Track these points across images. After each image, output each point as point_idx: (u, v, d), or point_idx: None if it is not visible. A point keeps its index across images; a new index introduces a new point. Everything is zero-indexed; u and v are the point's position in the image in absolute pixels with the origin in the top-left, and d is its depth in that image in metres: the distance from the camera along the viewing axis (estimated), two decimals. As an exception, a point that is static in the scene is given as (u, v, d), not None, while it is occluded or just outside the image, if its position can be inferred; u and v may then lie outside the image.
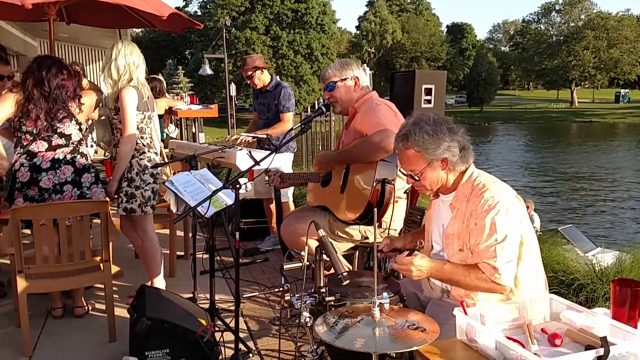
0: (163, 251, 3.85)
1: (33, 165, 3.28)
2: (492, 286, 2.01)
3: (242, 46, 45.40)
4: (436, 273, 2.08)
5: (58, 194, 3.33)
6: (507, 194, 2.08)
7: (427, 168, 2.13)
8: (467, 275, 2.03)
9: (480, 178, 2.14)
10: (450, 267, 2.07)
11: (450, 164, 2.13)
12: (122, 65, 3.49)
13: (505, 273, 1.99)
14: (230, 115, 16.06)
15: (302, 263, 2.10)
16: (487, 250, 2.01)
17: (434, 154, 2.10)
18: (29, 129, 3.30)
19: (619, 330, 1.65)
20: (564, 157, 29.82)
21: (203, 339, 2.73)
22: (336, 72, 3.10)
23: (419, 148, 2.10)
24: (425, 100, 5.20)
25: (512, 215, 2.03)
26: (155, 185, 3.62)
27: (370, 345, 1.56)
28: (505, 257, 1.99)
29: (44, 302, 3.70)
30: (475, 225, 2.05)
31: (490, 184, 2.10)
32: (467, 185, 2.15)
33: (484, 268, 2.01)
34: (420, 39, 62.86)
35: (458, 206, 2.15)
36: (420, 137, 2.09)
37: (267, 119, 4.89)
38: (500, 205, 2.02)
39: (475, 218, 2.06)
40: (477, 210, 2.06)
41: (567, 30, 66.17)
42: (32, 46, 12.19)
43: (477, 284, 2.02)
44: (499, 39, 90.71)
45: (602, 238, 11.75)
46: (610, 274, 3.06)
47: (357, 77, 3.08)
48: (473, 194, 2.10)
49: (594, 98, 71.06)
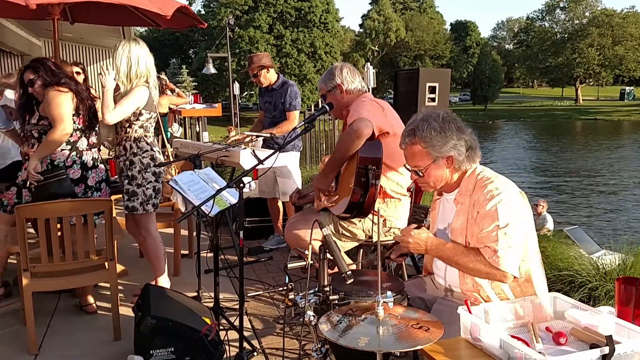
0: (167, 250, 3.86)
1: (83, 163, 3.48)
2: (491, 270, 1.98)
3: (246, 45, 45.40)
4: (435, 249, 2.08)
5: (98, 191, 3.53)
6: (510, 187, 2.08)
7: (432, 165, 2.12)
8: (467, 255, 2.02)
9: (484, 172, 2.15)
10: (452, 246, 2.08)
11: (456, 163, 2.12)
12: (143, 68, 3.51)
13: (505, 257, 1.96)
14: (234, 114, 16.08)
15: (306, 262, 2.10)
16: (489, 236, 2.00)
17: (440, 151, 2.10)
18: (79, 127, 3.48)
19: (624, 329, 1.64)
20: (568, 155, 29.72)
21: (208, 338, 2.73)
22: (322, 85, 3.22)
23: (426, 144, 2.10)
24: (429, 98, 5.19)
25: (515, 207, 2.02)
26: (158, 184, 3.63)
27: (374, 343, 1.56)
28: (506, 242, 1.97)
29: (50, 301, 3.73)
30: (478, 214, 2.05)
31: (494, 178, 2.10)
32: (471, 180, 2.14)
33: (484, 251, 2.00)
34: (424, 37, 62.71)
35: (462, 200, 2.15)
36: (428, 133, 2.09)
37: (273, 117, 4.89)
38: (503, 195, 2.01)
39: (478, 207, 2.05)
40: (480, 199, 2.05)
41: (572, 27, 65.90)
42: (36, 46, 12.22)
43: (477, 267, 2.00)
44: (503, 37, 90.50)
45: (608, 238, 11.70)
46: (614, 273, 3.05)
47: (341, 85, 3.13)
48: (477, 186, 2.10)
49: (598, 95, 70.79)
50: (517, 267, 2.00)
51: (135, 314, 2.86)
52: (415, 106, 5.16)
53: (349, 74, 3.16)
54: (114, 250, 3.29)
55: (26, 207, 3.09)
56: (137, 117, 3.52)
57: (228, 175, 5.75)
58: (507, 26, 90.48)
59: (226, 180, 3.30)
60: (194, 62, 49.41)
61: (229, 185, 2.68)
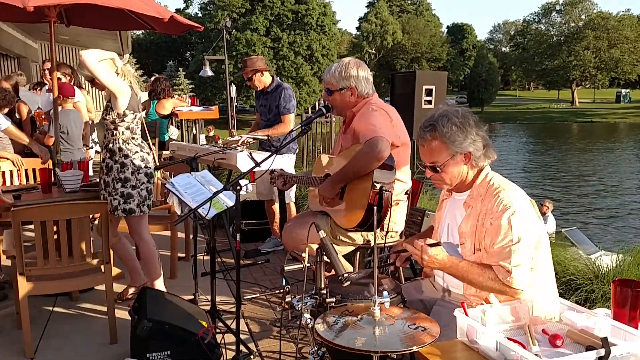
0: (164, 253, 3.85)
1: None
2: (504, 289, 1.99)
3: (243, 47, 45.41)
4: (450, 268, 2.03)
5: None
6: (522, 197, 2.07)
7: (450, 160, 2.11)
8: (481, 275, 2.00)
9: (495, 179, 2.13)
10: (466, 265, 2.03)
11: (474, 159, 2.11)
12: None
13: (517, 277, 1.96)
14: (230, 116, 16.07)
15: (303, 264, 2.09)
16: (502, 251, 1.99)
17: (460, 146, 2.08)
18: None
19: (620, 331, 1.65)
20: (565, 157, 29.77)
21: (204, 341, 2.73)
22: (333, 81, 3.03)
23: (446, 139, 2.08)
24: (425, 100, 5.21)
25: (527, 219, 2.01)
26: (150, 185, 3.63)
27: (370, 344, 1.56)
28: (518, 259, 1.97)
29: (46, 304, 3.71)
30: (490, 225, 2.03)
31: (505, 185, 2.09)
32: (483, 185, 2.13)
33: (497, 270, 1.99)
34: (420, 40, 62.85)
35: (473, 204, 2.13)
36: (449, 128, 2.07)
37: (268, 120, 4.89)
38: (516, 206, 2.00)
39: (490, 217, 2.03)
40: (493, 209, 2.03)
41: (568, 30, 66.13)
42: (33, 48, 12.21)
43: (490, 285, 2.00)
44: (499, 40, 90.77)
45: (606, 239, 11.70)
46: (610, 275, 3.05)
47: (355, 87, 3.01)
48: (488, 194, 2.09)
49: (594, 98, 71.01)
50: (527, 282, 2.00)
51: (131, 317, 2.85)
52: (412, 109, 5.18)
53: (364, 77, 3.03)
54: (109, 254, 3.28)
55: (22, 210, 3.08)
56: (121, 119, 3.53)
57: (225, 178, 5.75)
58: (503, 29, 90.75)
59: (223, 183, 3.29)
60: (191, 64, 49.41)
61: (225, 188, 2.68)
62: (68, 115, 5.25)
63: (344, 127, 3.18)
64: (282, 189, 3.45)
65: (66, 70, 6.00)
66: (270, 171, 3.29)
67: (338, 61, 3.11)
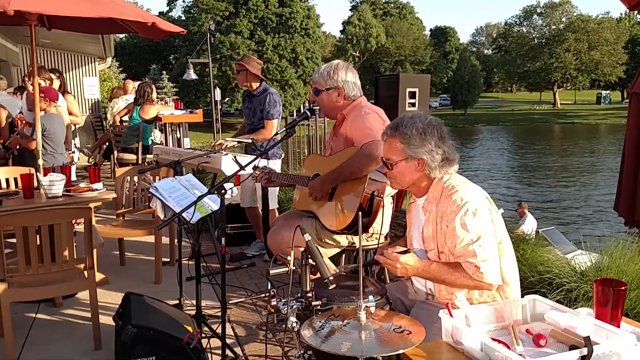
0: (148, 258, 3.82)
1: None
2: (478, 284, 2.04)
3: (227, 50, 45.21)
4: (423, 272, 2.09)
5: None
6: (476, 195, 2.11)
7: (404, 162, 2.16)
8: (452, 274, 2.05)
9: (451, 180, 2.17)
10: (437, 266, 2.08)
11: (427, 168, 2.15)
12: None
13: (487, 271, 2.01)
14: (215, 120, 15.97)
15: (289, 268, 2.09)
16: (466, 250, 2.03)
17: (415, 151, 2.13)
18: None
19: (602, 330, 1.67)
20: (546, 158, 30.11)
21: (190, 346, 2.71)
22: (321, 81, 3.07)
23: (404, 140, 2.14)
24: (409, 103, 5.23)
25: (481, 215, 2.05)
26: None
27: (356, 349, 1.57)
28: (484, 255, 2.01)
29: (29, 310, 3.66)
30: (447, 228, 2.08)
31: (459, 186, 2.12)
32: (437, 188, 2.17)
33: (466, 267, 2.04)
34: (404, 43, 63.11)
35: (429, 209, 2.18)
36: (409, 131, 2.13)
37: (252, 123, 4.88)
38: (468, 205, 2.04)
39: (446, 220, 2.08)
40: (447, 212, 2.08)
41: (549, 32, 66.91)
42: (13, 52, 12.05)
43: (463, 282, 2.05)
44: (481, 42, 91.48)
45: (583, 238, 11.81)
46: (590, 273, 3.09)
47: (342, 88, 3.04)
48: (443, 196, 2.13)
49: (576, 100, 71.93)
50: (499, 274, 2.06)
51: (115, 323, 2.82)
52: (395, 111, 5.19)
53: (352, 79, 3.08)
54: (93, 259, 3.25)
55: (3, 217, 3.04)
56: None
57: (210, 182, 5.72)
58: (485, 31, 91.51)
59: (208, 187, 3.28)
60: (175, 67, 49.05)
61: (210, 192, 2.67)
62: (52, 119, 5.20)
63: (335, 130, 3.19)
64: (264, 185, 3.45)
65: (46, 75, 5.94)
66: (253, 167, 3.29)
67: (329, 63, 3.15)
